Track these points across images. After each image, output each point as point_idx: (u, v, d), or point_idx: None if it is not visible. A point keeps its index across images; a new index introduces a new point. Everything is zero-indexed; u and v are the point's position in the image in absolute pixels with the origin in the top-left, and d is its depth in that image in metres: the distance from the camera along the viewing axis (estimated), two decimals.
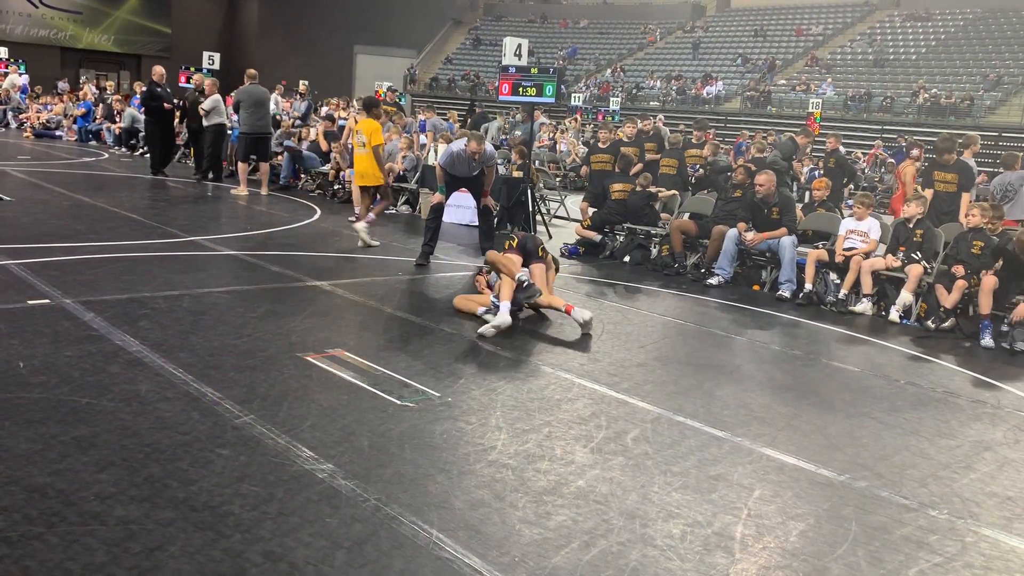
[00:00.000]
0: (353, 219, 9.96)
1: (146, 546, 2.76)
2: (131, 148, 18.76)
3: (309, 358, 4.91)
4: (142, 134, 18.57)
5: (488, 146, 8.55)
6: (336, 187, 13.11)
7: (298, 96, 19.42)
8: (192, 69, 19.79)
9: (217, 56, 20.42)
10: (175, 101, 14.70)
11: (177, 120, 14.88)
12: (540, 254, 6.59)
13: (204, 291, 6.35)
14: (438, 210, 8.58)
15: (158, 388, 4.20)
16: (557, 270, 7.00)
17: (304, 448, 3.64)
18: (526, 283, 6.17)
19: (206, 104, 13.59)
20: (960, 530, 3.49)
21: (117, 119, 19.79)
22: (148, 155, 14.82)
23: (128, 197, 11.47)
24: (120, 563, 2.65)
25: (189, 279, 6.70)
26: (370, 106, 10.14)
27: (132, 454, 3.43)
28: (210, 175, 13.92)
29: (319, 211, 11.62)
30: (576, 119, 26.62)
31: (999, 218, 8.02)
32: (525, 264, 6.42)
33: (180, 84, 18.30)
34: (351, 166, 10.83)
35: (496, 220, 11.64)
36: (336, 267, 7.94)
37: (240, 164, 12.81)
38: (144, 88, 14.83)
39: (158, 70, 14.10)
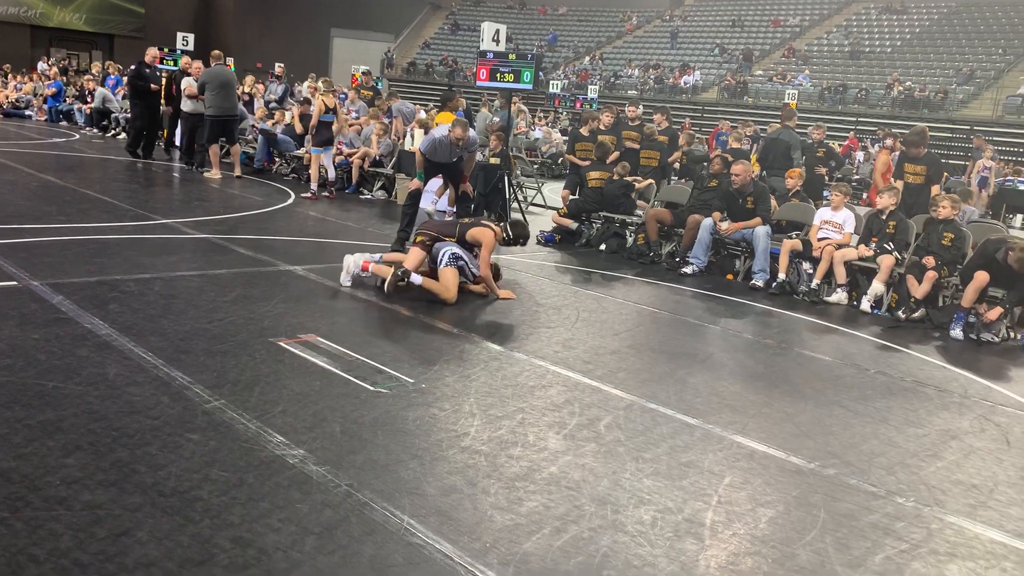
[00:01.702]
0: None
1: (113, 531, 2.73)
2: (103, 129, 18.49)
3: (281, 343, 4.87)
4: (114, 115, 18.33)
5: (471, 132, 8.52)
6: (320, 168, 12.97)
7: (274, 79, 19.20)
8: (166, 50, 19.51)
9: (192, 37, 20.09)
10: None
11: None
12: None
13: (175, 274, 6.28)
14: (415, 196, 8.53)
15: (127, 372, 4.15)
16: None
17: (275, 433, 3.61)
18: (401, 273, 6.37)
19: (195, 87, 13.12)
20: (926, 517, 3.54)
21: (89, 99, 19.49)
22: (125, 135, 14.59)
23: (99, 178, 11.31)
24: (86, 548, 2.62)
25: (160, 262, 6.62)
26: (446, 100, 10.81)
27: (99, 438, 3.38)
28: (189, 162, 13.45)
29: (293, 195, 11.53)
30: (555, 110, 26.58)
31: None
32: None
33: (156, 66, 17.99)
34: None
35: (472, 207, 11.63)
36: (310, 251, 7.88)
37: (212, 147, 12.63)
38: (133, 68, 14.56)
39: (151, 52, 14.03)
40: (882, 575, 3.02)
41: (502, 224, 6.93)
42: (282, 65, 19.94)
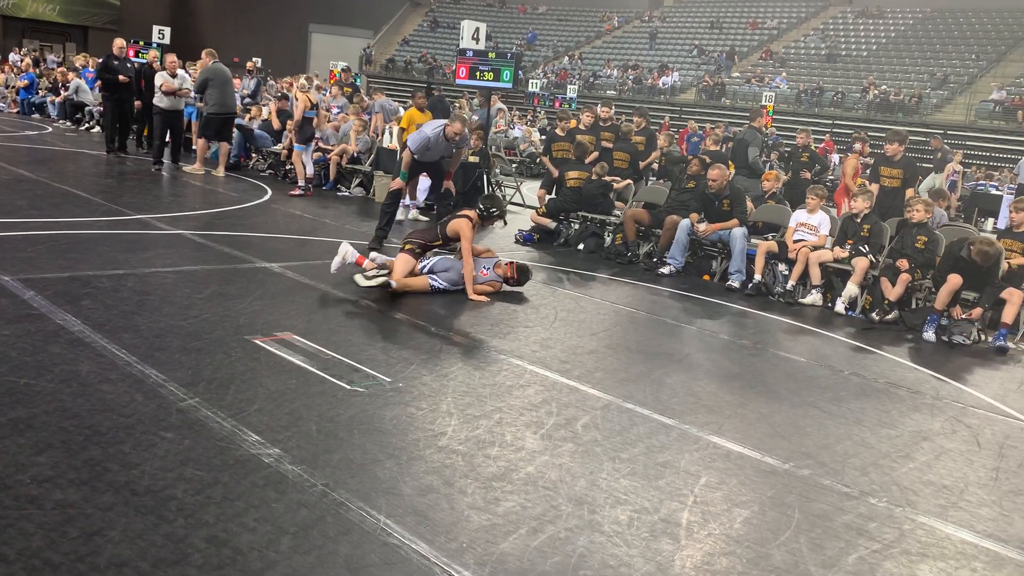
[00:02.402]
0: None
1: (84, 531, 2.69)
2: (76, 122, 18.25)
3: (257, 341, 4.84)
4: (88, 108, 18.10)
5: (466, 131, 8.51)
6: (289, 167, 12.90)
7: (247, 74, 19.04)
8: (141, 43, 19.30)
9: (168, 31, 19.91)
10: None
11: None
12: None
13: (150, 271, 6.21)
14: (396, 195, 8.48)
15: (100, 369, 4.10)
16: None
17: (250, 432, 3.58)
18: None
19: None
20: (898, 517, 3.58)
21: (62, 92, 19.23)
22: (98, 130, 14.33)
23: (73, 172, 11.17)
24: (57, 548, 2.59)
25: (135, 258, 6.54)
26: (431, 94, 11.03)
27: (71, 436, 3.34)
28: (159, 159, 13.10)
29: (270, 191, 11.44)
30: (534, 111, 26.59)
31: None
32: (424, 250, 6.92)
33: (130, 58, 17.77)
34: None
35: (452, 205, 11.60)
36: (287, 249, 7.83)
37: (201, 142, 12.47)
38: (100, 61, 14.30)
39: (118, 42, 13.57)
40: (854, 575, 3.05)
41: (478, 208, 6.99)
42: (257, 60, 19.80)
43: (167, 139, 12.75)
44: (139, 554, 2.61)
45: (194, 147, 13.05)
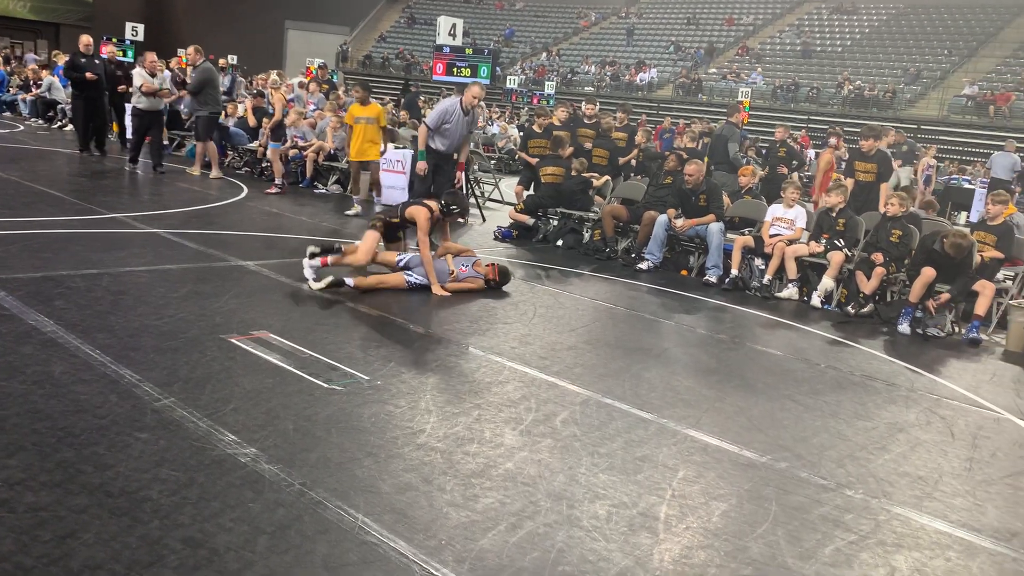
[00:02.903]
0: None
1: (57, 533, 2.66)
2: (48, 120, 18.02)
3: (233, 340, 4.80)
4: (60, 106, 17.87)
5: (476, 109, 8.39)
6: (265, 164, 12.81)
7: (221, 71, 18.85)
8: (114, 40, 19.08)
9: (141, 28, 19.70)
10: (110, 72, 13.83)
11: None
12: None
13: (124, 270, 6.14)
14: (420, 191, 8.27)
15: (73, 370, 4.05)
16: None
17: (227, 432, 3.55)
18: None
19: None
20: (874, 509, 3.62)
21: (34, 89, 18.98)
22: (71, 128, 14.09)
23: (45, 171, 11.02)
24: (29, 552, 2.55)
25: (109, 257, 6.47)
26: (370, 91, 10.91)
27: (44, 438, 3.30)
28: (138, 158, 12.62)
29: (246, 189, 11.35)
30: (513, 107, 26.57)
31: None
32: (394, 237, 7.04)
33: (102, 56, 17.55)
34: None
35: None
36: (263, 247, 7.77)
37: (211, 146, 12.22)
38: (67, 58, 14.03)
39: (84, 40, 13.27)
40: (832, 567, 3.07)
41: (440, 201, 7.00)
42: (234, 57, 19.63)
43: (145, 140, 12.34)
44: (113, 556, 2.58)
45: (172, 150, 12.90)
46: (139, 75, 12.04)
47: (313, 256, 6.39)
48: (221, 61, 19.24)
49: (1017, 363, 6.71)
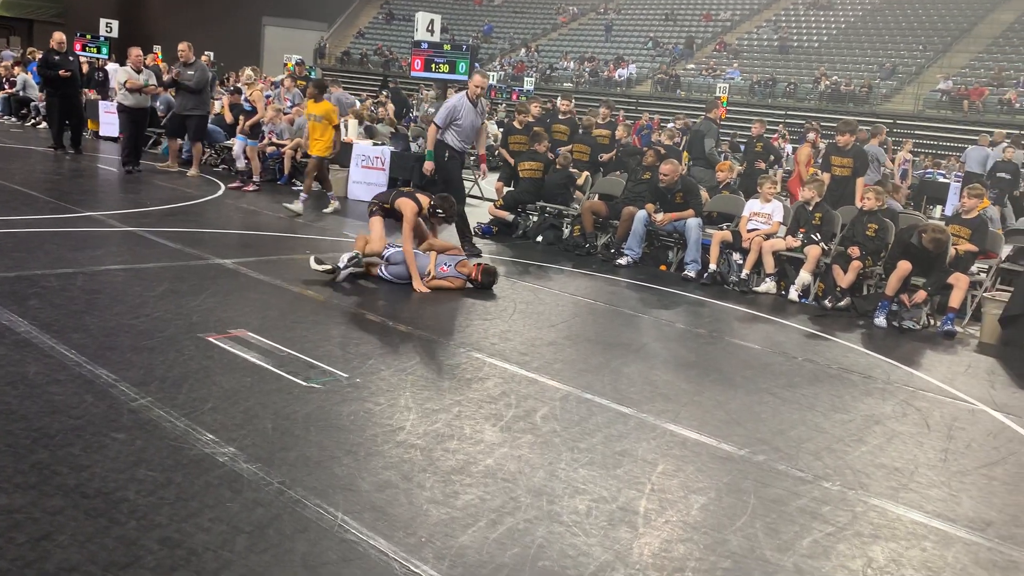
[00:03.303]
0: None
1: (32, 536, 2.63)
2: (21, 118, 17.79)
3: (211, 339, 4.76)
4: (33, 103, 17.64)
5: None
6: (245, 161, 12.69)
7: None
8: (89, 36, 18.87)
9: (115, 24, 19.47)
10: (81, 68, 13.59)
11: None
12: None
13: (100, 269, 6.08)
14: (454, 195, 8.04)
15: (48, 370, 4.00)
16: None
17: (205, 431, 3.53)
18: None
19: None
20: (851, 500, 3.65)
21: (7, 87, 18.73)
22: (45, 126, 13.86)
23: (19, 169, 10.88)
24: (3, 554, 2.52)
25: (83, 256, 6.40)
26: (324, 88, 10.47)
27: (18, 440, 3.26)
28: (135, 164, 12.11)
29: (223, 186, 11.27)
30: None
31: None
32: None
33: (76, 52, 17.33)
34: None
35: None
36: (240, 244, 7.72)
37: (198, 145, 12.09)
38: (41, 55, 13.80)
39: (57, 36, 13.00)
40: (809, 558, 3.10)
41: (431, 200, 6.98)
42: (206, 54, 19.42)
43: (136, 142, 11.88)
44: (89, 558, 2.55)
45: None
46: (124, 71, 11.75)
47: (320, 262, 6.53)
48: (203, 57, 19.02)
49: (991, 355, 6.80)
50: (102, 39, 18.32)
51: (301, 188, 12.08)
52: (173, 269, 6.35)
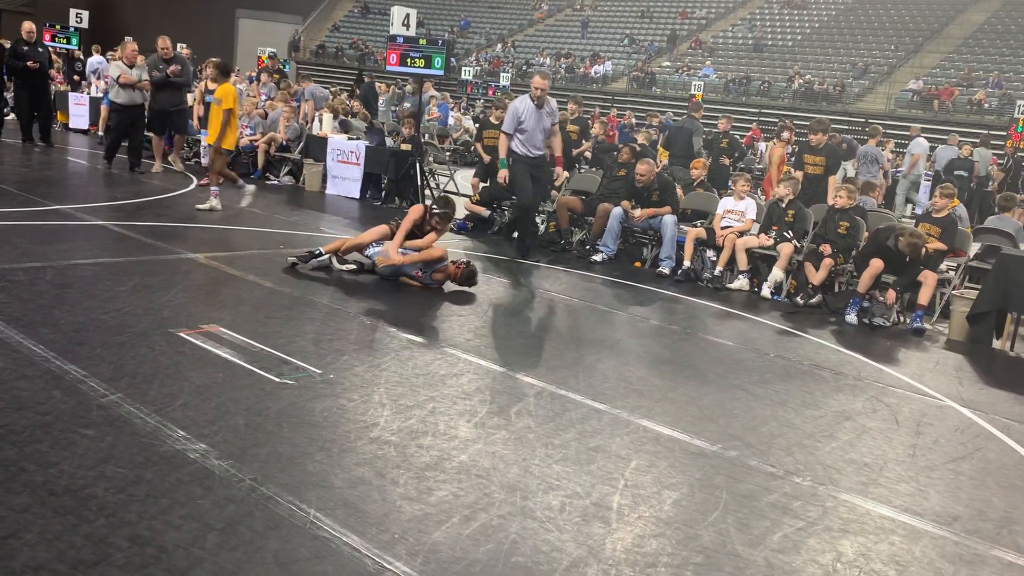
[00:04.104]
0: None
1: None
2: None
3: (182, 334, 4.72)
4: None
5: (550, 98, 8.02)
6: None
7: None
8: (58, 27, 18.55)
9: (86, 14, 19.13)
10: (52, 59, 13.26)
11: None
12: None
13: (69, 263, 6.00)
14: (525, 207, 7.98)
15: (15, 366, 3.94)
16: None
17: (175, 428, 3.50)
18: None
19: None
20: (821, 496, 3.69)
21: None
22: (13, 117, 13.57)
23: None
24: None
25: (52, 250, 6.31)
26: (227, 71, 9.65)
27: None
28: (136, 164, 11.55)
29: (195, 180, 11.15)
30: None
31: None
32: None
33: (45, 43, 17.03)
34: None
35: (384, 194, 11.50)
36: (213, 239, 7.65)
37: (179, 138, 11.93)
38: (9, 45, 13.50)
39: (26, 26, 12.64)
40: (780, 553, 3.13)
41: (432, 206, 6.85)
42: (183, 46, 19.20)
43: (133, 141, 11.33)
44: (57, 556, 2.52)
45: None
46: (116, 66, 11.22)
47: (306, 259, 6.57)
48: (180, 48, 18.77)
49: (959, 352, 6.90)
50: (72, 29, 18.01)
51: (277, 181, 12.04)
52: (144, 263, 6.28)
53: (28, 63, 12.41)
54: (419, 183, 11.09)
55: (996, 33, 30.13)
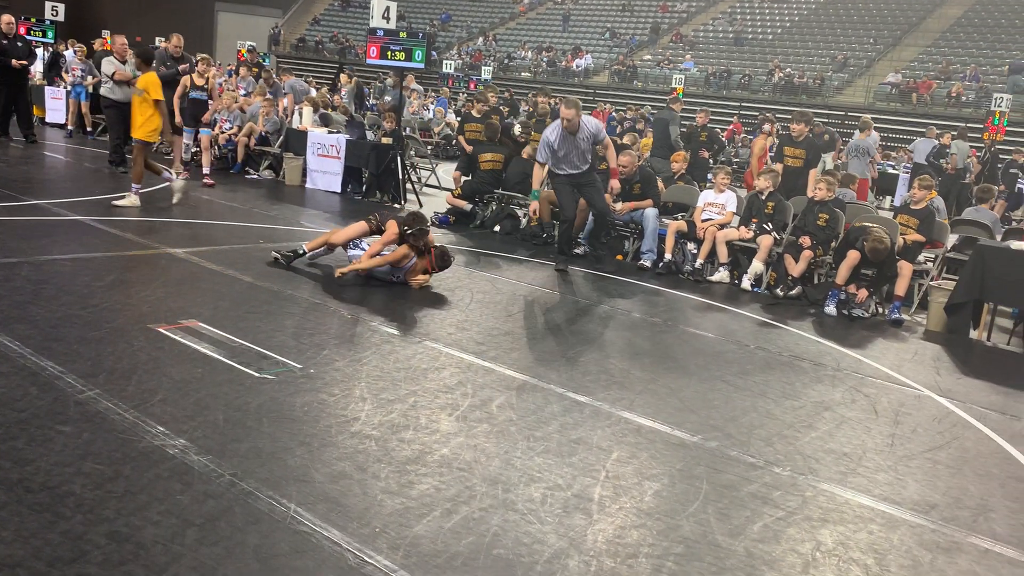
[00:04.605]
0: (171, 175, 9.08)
1: None
2: None
3: (161, 329, 4.68)
4: None
5: (588, 118, 7.59)
6: (195, 151, 12.45)
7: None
8: (34, 20, 18.32)
9: (62, 8, 18.90)
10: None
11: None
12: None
13: (46, 258, 5.93)
14: (566, 224, 7.82)
15: None
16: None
17: (154, 423, 3.47)
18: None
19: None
20: (801, 485, 3.72)
21: None
22: None
23: None
24: None
25: (29, 246, 6.24)
26: (150, 59, 9.18)
27: None
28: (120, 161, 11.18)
29: (174, 175, 11.02)
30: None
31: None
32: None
33: (24, 36, 16.79)
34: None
35: (365, 188, 11.45)
36: (192, 234, 7.59)
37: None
38: None
39: (5, 18, 12.28)
40: (760, 542, 3.15)
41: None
42: (162, 39, 19.01)
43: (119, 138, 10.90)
44: (33, 553, 2.50)
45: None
46: (109, 62, 10.80)
47: (289, 258, 6.55)
48: (158, 42, 18.61)
49: (937, 342, 6.96)
50: (47, 23, 17.78)
51: (256, 175, 11.95)
52: (122, 259, 6.23)
53: (13, 62, 12.09)
54: (400, 177, 11.05)
55: (973, 27, 30.36)
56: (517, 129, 11.43)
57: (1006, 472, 4.19)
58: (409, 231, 6.39)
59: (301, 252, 6.67)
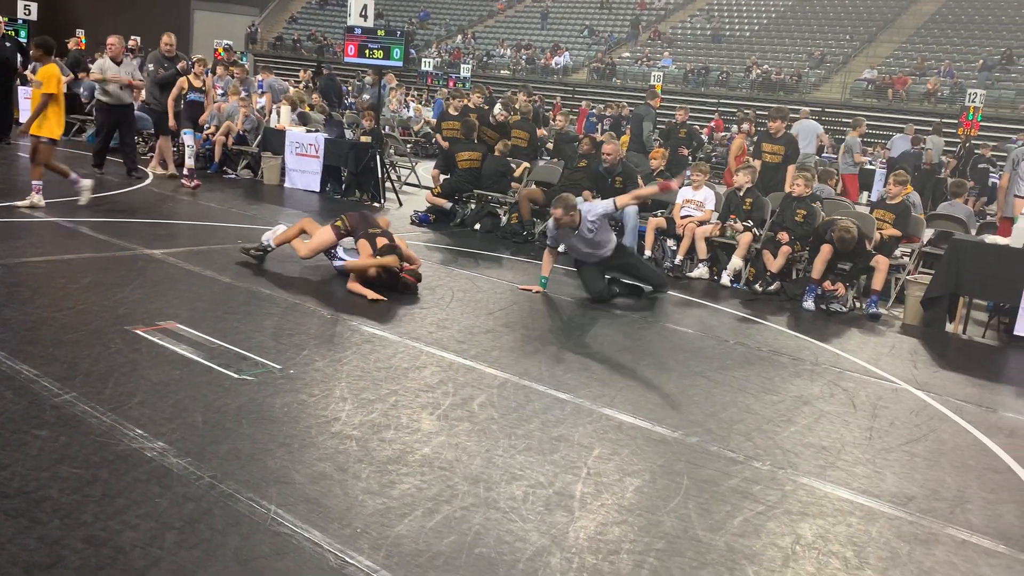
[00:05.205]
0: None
1: None
2: None
3: (138, 331, 4.64)
4: None
5: (589, 205, 7.01)
6: (173, 150, 12.34)
7: (127, 52, 18.05)
8: (6, 19, 18.07)
9: (35, 7, 18.66)
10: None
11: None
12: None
13: (20, 261, 5.86)
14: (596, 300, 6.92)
15: None
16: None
17: (132, 426, 3.44)
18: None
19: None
20: (781, 479, 3.75)
21: None
22: None
23: None
24: None
25: (2, 248, 6.16)
26: (51, 49, 8.38)
27: None
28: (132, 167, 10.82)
29: (151, 175, 10.95)
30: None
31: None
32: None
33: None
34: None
35: (344, 186, 11.40)
36: (170, 234, 7.52)
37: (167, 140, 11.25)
38: None
39: None
40: (740, 537, 3.17)
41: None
42: (133, 39, 18.80)
43: (108, 141, 10.68)
44: (10, 560, 2.47)
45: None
46: (101, 64, 10.41)
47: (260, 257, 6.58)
48: (131, 41, 18.36)
49: (914, 336, 7.03)
50: (20, 22, 17.56)
51: (235, 175, 11.87)
52: (98, 260, 6.16)
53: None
54: (380, 176, 11.01)
55: (947, 23, 30.68)
56: (497, 108, 11.43)
57: (982, 464, 4.24)
58: (384, 258, 6.20)
59: (270, 249, 6.65)
